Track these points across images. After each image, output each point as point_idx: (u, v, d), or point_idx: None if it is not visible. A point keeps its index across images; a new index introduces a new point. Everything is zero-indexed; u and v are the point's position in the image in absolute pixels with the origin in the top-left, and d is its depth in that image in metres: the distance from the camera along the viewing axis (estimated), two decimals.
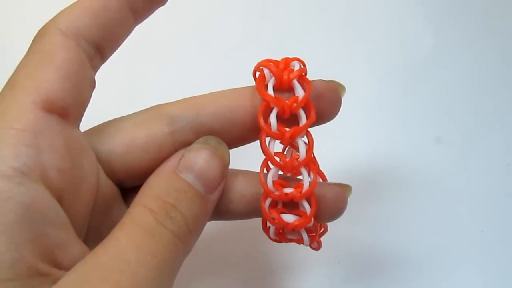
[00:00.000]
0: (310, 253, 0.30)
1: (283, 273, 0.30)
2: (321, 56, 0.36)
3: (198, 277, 0.30)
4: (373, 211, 0.32)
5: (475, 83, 0.37)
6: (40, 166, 0.16)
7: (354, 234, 0.31)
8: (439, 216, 0.32)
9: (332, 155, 0.32)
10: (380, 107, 0.36)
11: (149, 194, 0.18)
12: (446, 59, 0.38)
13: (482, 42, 0.39)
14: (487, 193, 0.33)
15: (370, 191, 0.33)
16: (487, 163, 0.34)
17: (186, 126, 0.20)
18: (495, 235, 0.32)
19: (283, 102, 0.19)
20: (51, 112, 0.17)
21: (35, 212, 0.16)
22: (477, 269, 0.30)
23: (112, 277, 0.15)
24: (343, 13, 0.40)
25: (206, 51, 0.37)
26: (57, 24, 0.18)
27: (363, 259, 0.30)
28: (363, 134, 0.35)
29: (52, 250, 0.16)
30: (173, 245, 0.17)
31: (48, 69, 0.17)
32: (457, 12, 0.40)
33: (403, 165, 0.34)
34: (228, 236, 0.31)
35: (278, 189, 0.19)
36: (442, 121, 0.35)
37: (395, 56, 0.37)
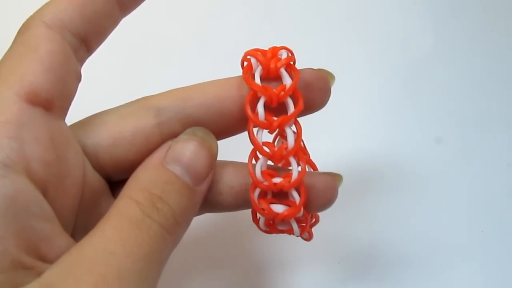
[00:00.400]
0: (310, 253, 0.30)
1: (282, 273, 0.30)
2: (321, 56, 0.36)
3: (190, 272, 0.30)
4: (373, 211, 0.32)
5: (475, 83, 0.37)
6: (24, 159, 0.16)
7: (354, 234, 0.31)
8: (439, 216, 0.32)
9: (332, 155, 0.32)
10: (380, 107, 0.36)
11: (135, 186, 0.18)
12: (446, 59, 0.38)
13: (482, 42, 0.38)
14: (487, 193, 0.33)
15: (370, 191, 0.33)
16: (487, 163, 0.34)
17: (173, 117, 0.20)
18: (495, 235, 0.32)
19: (270, 91, 0.19)
20: (35, 104, 0.17)
21: (19, 205, 0.16)
22: (477, 269, 0.30)
23: (97, 269, 0.15)
24: (344, 13, 0.40)
25: (206, 51, 0.37)
26: (41, 17, 0.18)
27: (363, 259, 0.30)
28: (363, 134, 0.35)
29: (36, 243, 0.16)
30: (160, 236, 0.17)
31: (32, 62, 0.17)
32: (457, 12, 0.40)
33: (403, 165, 0.34)
34: (222, 233, 0.31)
35: (267, 179, 0.19)
36: (442, 121, 0.35)
37: (395, 55, 0.37)
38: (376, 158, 0.34)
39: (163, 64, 0.36)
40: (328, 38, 0.38)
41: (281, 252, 0.30)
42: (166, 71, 0.36)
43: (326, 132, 0.34)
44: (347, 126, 0.35)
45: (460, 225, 0.32)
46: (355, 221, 0.31)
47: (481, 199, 0.33)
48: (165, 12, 0.39)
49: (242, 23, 0.39)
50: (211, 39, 0.38)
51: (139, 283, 0.16)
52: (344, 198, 0.31)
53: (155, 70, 0.36)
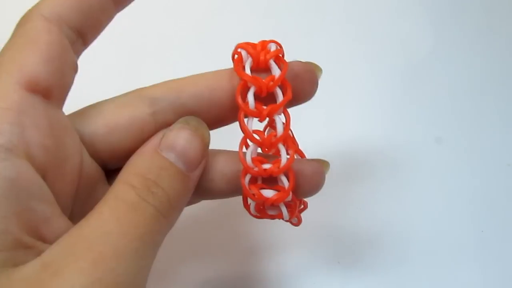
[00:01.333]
0: (310, 253, 0.30)
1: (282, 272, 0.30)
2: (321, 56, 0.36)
3: (184, 258, 0.30)
4: (373, 211, 0.32)
5: (475, 83, 0.37)
6: (24, 143, 0.17)
7: (354, 234, 0.31)
8: (439, 216, 0.32)
9: (332, 155, 0.33)
10: (380, 107, 0.36)
11: (131, 172, 0.19)
12: (446, 59, 0.38)
13: (482, 42, 0.39)
14: (487, 193, 0.33)
15: (370, 191, 0.33)
16: (487, 163, 0.34)
17: (167, 107, 0.21)
18: (495, 235, 0.31)
19: (260, 81, 0.20)
20: (34, 92, 0.18)
21: (20, 187, 0.16)
22: (477, 269, 0.30)
23: (95, 248, 0.16)
24: (344, 13, 0.40)
25: (206, 51, 0.37)
26: (39, 10, 0.19)
27: (363, 259, 0.30)
28: (363, 134, 0.35)
29: (37, 224, 0.17)
30: (155, 218, 0.18)
31: (31, 52, 0.18)
32: (457, 12, 0.40)
33: (403, 165, 0.34)
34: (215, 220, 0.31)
35: (257, 165, 0.20)
36: (442, 121, 0.35)
37: (395, 56, 0.38)
38: (376, 158, 0.34)
39: (162, 63, 0.37)
40: (328, 38, 0.38)
41: (281, 252, 0.31)
42: (165, 69, 0.36)
43: (326, 132, 0.34)
44: (347, 126, 0.35)
45: (460, 225, 0.32)
46: (355, 221, 0.32)
47: (481, 199, 0.33)
48: (165, 11, 0.39)
49: (242, 23, 0.39)
50: (211, 39, 0.38)
51: (135, 260, 0.16)
52: (344, 198, 0.32)
53: (154, 69, 0.36)
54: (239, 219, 0.31)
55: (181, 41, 0.38)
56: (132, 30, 0.37)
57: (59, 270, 0.15)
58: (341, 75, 0.36)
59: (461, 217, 0.32)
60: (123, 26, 0.24)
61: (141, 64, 0.37)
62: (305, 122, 0.32)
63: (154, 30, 0.38)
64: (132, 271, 0.16)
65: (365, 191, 0.33)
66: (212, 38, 0.38)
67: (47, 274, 0.15)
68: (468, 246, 0.31)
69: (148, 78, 0.22)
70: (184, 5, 0.40)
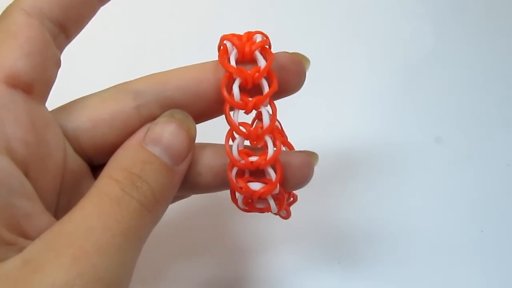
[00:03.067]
0: (310, 253, 0.30)
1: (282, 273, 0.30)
2: (321, 56, 0.36)
3: (173, 256, 0.30)
4: (372, 212, 0.32)
5: (475, 83, 0.37)
6: (5, 139, 0.17)
7: (354, 234, 0.31)
8: (439, 216, 0.32)
9: (331, 155, 0.33)
10: (380, 107, 0.36)
11: (115, 166, 0.18)
12: (446, 59, 0.38)
13: (482, 42, 0.38)
14: (487, 193, 0.33)
15: (370, 191, 0.33)
16: (487, 163, 0.34)
17: (152, 100, 0.20)
18: (495, 235, 0.31)
19: (245, 73, 0.20)
20: (15, 87, 0.17)
21: (1, 183, 0.16)
22: (477, 269, 0.30)
23: (76, 243, 0.16)
24: (344, 13, 0.40)
25: (206, 51, 0.37)
26: (20, 4, 0.18)
27: (363, 259, 0.30)
28: (363, 134, 0.35)
29: (18, 220, 0.16)
30: (139, 213, 0.17)
31: (11, 47, 0.18)
32: (457, 12, 0.40)
33: (403, 165, 0.34)
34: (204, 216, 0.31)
35: (243, 158, 0.20)
36: (442, 121, 0.35)
37: (395, 55, 0.38)
38: (376, 157, 0.34)
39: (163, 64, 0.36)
40: (328, 38, 0.38)
41: (281, 252, 0.31)
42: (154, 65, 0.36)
43: (326, 131, 0.34)
44: (347, 126, 0.35)
45: (460, 225, 0.32)
46: (355, 221, 0.31)
47: (481, 199, 0.33)
48: (165, 12, 0.39)
49: (243, 23, 0.38)
50: (211, 39, 0.38)
51: (118, 256, 0.16)
52: (344, 198, 0.32)
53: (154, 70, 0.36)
54: (236, 219, 0.31)
55: (179, 41, 0.38)
56: (121, 24, 0.37)
57: (40, 266, 0.15)
58: (341, 74, 0.36)
59: (461, 217, 0.32)
60: (119, 25, 0.23)
61: (130, 59, 0.36)
62: (305, 122, 0.32)
63: (151, 29, 0.38)
64: (115, 266, 0.16)
65: (365, 191, 0.33)
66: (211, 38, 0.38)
67: (28, 270, 0.15)
68: (468, 246, 0.31)
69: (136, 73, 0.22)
70: (183, 4, 0.39)
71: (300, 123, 0.22)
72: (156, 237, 0.21)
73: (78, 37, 0.21)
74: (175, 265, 0.30)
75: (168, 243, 0.29)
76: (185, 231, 0.30)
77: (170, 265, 0.30)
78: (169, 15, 0.39)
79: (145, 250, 0.18)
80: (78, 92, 0.21)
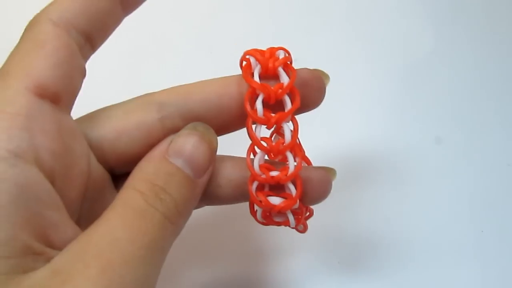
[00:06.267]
0: (310, 254, 0.30)
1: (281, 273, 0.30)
2: (321, 56, 0.37)
3: (189, 263, 0.30)
4: (372, 211, 0.32)
5: (475, 83, 0.37)
6: (33, 149, 0.17)
7: (354, 235, 0.31)
8: (439, 216, 0.32)
9: (332, 155, 0.33)
10: (380, 107, 0.36)
11: (139, 178, 0.19)
12: (446, 59, 0.38)
13: (482, 42, 0.39)
14: (487, 193, 0.33)
15: (370, 191, 0.33)
16: (487, 163, 0.34)
17: (175, 112, 0.20)
18: (495, 235, 0.32)
19: (268, 89, 0.20)
20: (43, 97, 0.18)
21: (30, 193, 0.16)
22: (477, 269, 0.30)
23: (103, 255, 0.16)
24: (344, 13, 0.40)
25: (206, 51, 0.37)
26: (48, 15, 0.19)
27: (363, 259, 0.31)
28: (363, 134, 0.35)
29: (45, 230, 0.17)
30: (163, 225, 0.18)
31: (40, 57, 0.18)
32: (457, 12, 0.40)
33: (403, 165, 0.34)
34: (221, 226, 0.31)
35: (264, 173, 0.20)
36: (442, 121, 0.35)
37: (395, 56, 0.38)
38: (376, 157, 0.34)
39: (165, 64, 0.37)
40: (328, 38, 0.38)
41: (280, 252, 0.31)
42: (166, 71, 0.36)
43: (326, 131, 0.34)
44: (346, 126, 0.35)
45: (460, 225, 0.32)
46: (355, 221, 0.32)
47: (481, 199, 0.33)
48: (165, 12, 0.39)
49: (243, 23, 0.39)
50: (212, 39, 0.38)
51: (143, 268, 0.16)
52: (344, 198, 0.32)
53: (154, 70, 0.36)
54: (240, 221, 0.31)
55: (179, 41, 0.38)
56: (139, 33, 0.37)
57: (68, 277, 0.15)
58: (340, 75, 0.36)
59: (461, 217, 0.32)
60: (130, 30, 0.24)
61: (139, 65, 0.37)
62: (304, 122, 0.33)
63: (151, 30, 0.38)
64: (140, 278, 0.16)
65: (365, 191, 0.33)
66: (211, 38, 0.38)
67: (56, 281, 0.15)
68: (468, 246, 0.31)
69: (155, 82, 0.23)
70: (183, 5, 0.40)
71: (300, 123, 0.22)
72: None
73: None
74: (185, 269, 0.30)
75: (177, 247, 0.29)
76: (192, 236, 0.31)
77: (180, 269, 0.30)
78: (169, 15, 0.39)
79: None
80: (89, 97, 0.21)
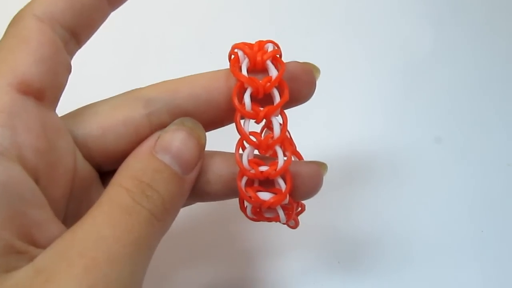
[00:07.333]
0: (310, 253, 0.30)
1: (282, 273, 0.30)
2: (321, 56, 0.36)
3: (179, 261, 0.30)
4: (372, 211, 0.32)
5: (475, 82, 0.37)
6: (17, 147, 0.16)
7: (354, 235, 0.31)
8: (439, 216, 0.32)
9: (331, 155, 0.33)
10: (380, 107, 0.36)
11: (126, 175, 0.18)
12: (446, 59, 0.38)
13: (482, 42, 0.39)
14: (487, 193, 0.33)
15: (370, 191, 0.33)
16: (487, 163, 0.34)
17: (162, 108, 0.20)
18: (495, 235, 0.32)
19: (256, 82, 0.19)
20: (26, 94, 0.17)
21: (12, 191, 0.16)
22: (477, 269, 0.30)
23: (88, 253, 0.16)
24: (344, 12, 0.40)
25: (206, 51, 0.37)
26: (32, 10, 0.18)
27: (363, 259, 0.30)
28: (362, 134, 0.35)
29: (29, 229, 0.16)
30: (149, 222, 0.17)
31: (23, 53, 0.18)
32: (457, 12, 0.40)
33: (403, 165, 0.34)
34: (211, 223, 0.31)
35: (253, 168, 0.20)
36: (442, 121, 0.35)
37: (395, 55, 0.38)
38: (376, 157, 0.34)
39: (159, 63, 0.37)
40: (328, 38, 0.38)
41: (281, 253, 0.31)
42: (162, 70, 0.36)
43: (326, 131, 0.34)
44: (346, 126, 0.35)
45: (460, 225, 0.32)
46: (355, 221, 0.32)
47: (481, 199, 0.33)
48: (165, 12, 0.39)
49: (242, 24, 0.39)
50: (211, 40, 0.38)
51: (129, 266, 0.16)
52: (344, 198, 0.32)
53: (154, 70, 0.36)
54: (237, 221, 0.31)
55: (179, 41, 0.38)
56: (128, 29, 0.37)
57: (51, 276, 0.15)
58: (340, 75, 0.36)
59: (461, 217, 0.32)
60: (118, 25, 0.23)
61: (137, 64, 0.37)
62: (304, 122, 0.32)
63: (151, 30, 0.38)
64: (126, 276, 0.16)
65: (365, 191, 0.33)
66: (211, 38, 0.38)
67: (39, 280, 0.15)
68: (468, 246, 0.31)
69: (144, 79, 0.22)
70: (183, 5, 0.39)
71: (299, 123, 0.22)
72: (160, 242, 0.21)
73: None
74: (179, 270, 0.30)
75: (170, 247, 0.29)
76: (186, 235, 0.30)
77: (174, 270, 0.30)
78: (169, 15, 0.39)
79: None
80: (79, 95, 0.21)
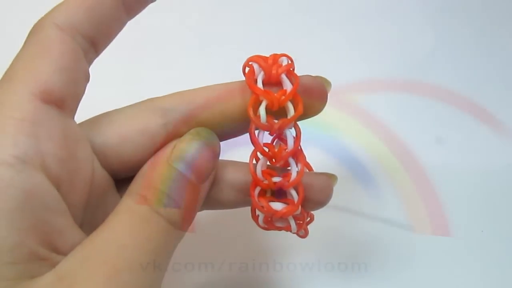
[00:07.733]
0: (310, 254, 0.30)
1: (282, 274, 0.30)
2: (321, 56, 0.37)
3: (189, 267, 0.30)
4: (372, 212, 0.32)
5: (475, 82, 0.37)
6: (40, 155, 0.17)
7: (354, 235, 0.31)
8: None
9: (331, 156, 0.33)
10: (380, 107, 0.36)
11: (142, 183, 0.19)
12: (446, 59, 0.38)
13: (481, 42, 0.39)
14: (487, 193, 0.33)
15: (370, 191, 0.33)
16: (487, 163, 0.34)
17: (179, 118, 0.21)
18: (495, 235, 0.32)
19: (271, 95, 0.20)
20: (48, 102, 0.18)
21: (36, 199, 0.16)
22: (477, 269, 0.30)
23: (110, 261, 0.16)
24: (344, 13, 0.40)
25: (206, 51, 0.37)
26: (52, 19, 0.19)
27: (363, 259, 0.31)
28: (363, 134, 0.35)
29: (51, 236, 0.17)
30: (167, 230, 0.18)
31: (45, 61, 0.18)
32: (457, 12, 0.40)
33: (403, 165, 0.34)
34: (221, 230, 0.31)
35: (267, 178, 0.20)
36: (443, 121, 0.36)
37: (395, 56, 0.38)
38: (376, 158, 0.34)
39: (163, 64, 0.37)
40: (328, 39, 0.38)
41: (280, 253, 0.31)
42: (166, 71, 0.36)
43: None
44: (346, 126, 0.35)
45: (460, 225, 0.32)
46: (355, 221, 0.32)
47: (481, 199, 0.33)
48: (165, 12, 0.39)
49: (242, 23, 0.39)
50: (211, 39, 0.38)
51: (148, 273, 0.17)
52: (344, 198, 0.32)
53: (155, 70, 0.36)
54: (237, 222, 0.31)
55: (179, 41, 0.38)
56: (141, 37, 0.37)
57: (74, 283, 0.15)
58: (341, 74, 0.36)
59: (461, 217, 0.32)
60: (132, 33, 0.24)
61: (137, 64, 0.37)
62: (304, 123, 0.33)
63: (151, 30, 0.38)
64: (145, 283, 0.17)
65: (365, 191, 0.33)
66: (213, 39, 0.38)
67: (62, 286, 0.15)
68: (468, 246, 0.31)
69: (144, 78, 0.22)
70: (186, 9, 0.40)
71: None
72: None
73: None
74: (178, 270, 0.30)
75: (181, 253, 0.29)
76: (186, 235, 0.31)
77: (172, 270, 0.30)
78: (169, 15, 0.39)
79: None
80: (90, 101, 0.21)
